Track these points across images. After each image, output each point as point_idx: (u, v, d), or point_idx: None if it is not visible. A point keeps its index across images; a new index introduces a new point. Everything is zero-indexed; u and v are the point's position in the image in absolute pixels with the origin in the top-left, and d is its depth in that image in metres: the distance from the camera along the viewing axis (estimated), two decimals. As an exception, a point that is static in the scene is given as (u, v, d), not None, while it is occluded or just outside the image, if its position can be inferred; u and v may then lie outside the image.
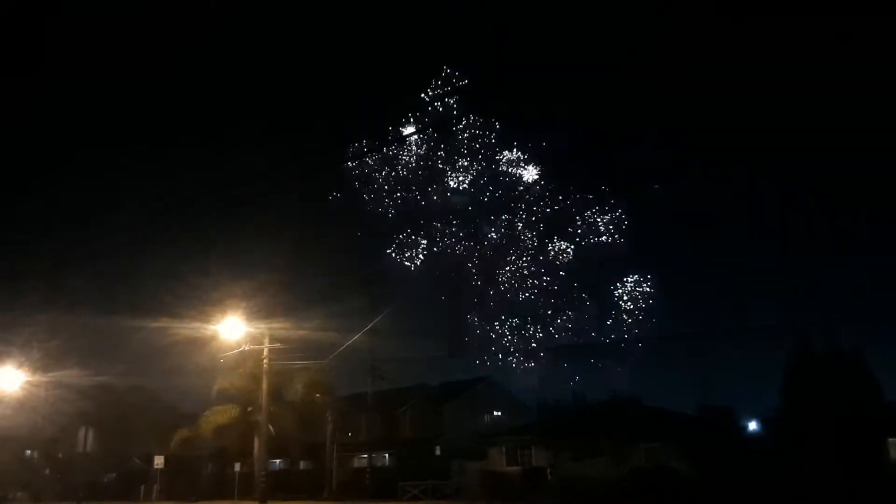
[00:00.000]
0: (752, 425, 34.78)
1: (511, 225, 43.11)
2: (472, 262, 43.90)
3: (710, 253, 77.38)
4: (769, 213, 65.36)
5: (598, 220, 42.73)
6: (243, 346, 33.06)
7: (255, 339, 33.34)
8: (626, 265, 47.67)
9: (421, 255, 43.45)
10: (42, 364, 39.41)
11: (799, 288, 66.25)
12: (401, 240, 42.69)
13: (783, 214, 67.48)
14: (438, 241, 43.39)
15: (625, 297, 43.72)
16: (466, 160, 43.70)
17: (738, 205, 67.45)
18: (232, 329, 32.23)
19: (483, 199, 42.91)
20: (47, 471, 50.36)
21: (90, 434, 50.23)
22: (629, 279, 44.53)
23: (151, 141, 77.39)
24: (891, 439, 28.69)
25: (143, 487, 44.60)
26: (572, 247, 44.12)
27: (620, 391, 40.59)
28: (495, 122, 43.79)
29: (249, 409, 37.31)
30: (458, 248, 43.60)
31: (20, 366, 38.43)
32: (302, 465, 44.72)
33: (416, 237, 42.66)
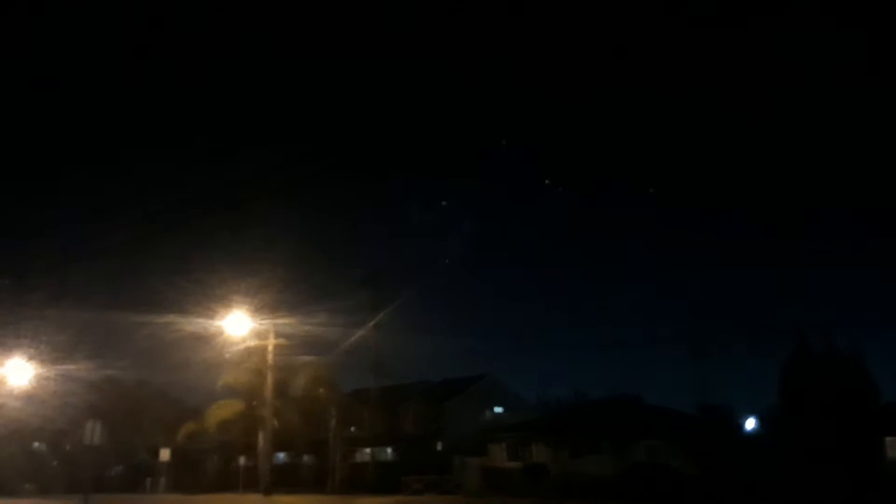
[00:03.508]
0: (751, 424, 35.05)
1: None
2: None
3: (708, 251, 77.64)
4: (767, 211, 65.40)
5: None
6: (248, 342, 33.52)
7: (261, 335, 33.84)
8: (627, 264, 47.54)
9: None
10: (51, 357, 39.86)
11: (797, 287, 66.45)
12: None
13: (781, 212, 67.53)
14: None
15: None
16: None
17: (736, 203, 67.44)
18: (237, 325, 32.70)
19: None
20: (55, 463, 50.95)
21: (98, 427, 50.70)
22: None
23: (157, 137, 77.99)
24: (889, 438, 28.91)
25: (149, 480, 45.18)
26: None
27: (621, 389, 40.87)
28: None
29: (254, 403, 37.80)
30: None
31: (29, 359, 38.94)
32: (306, 458, 45.18)
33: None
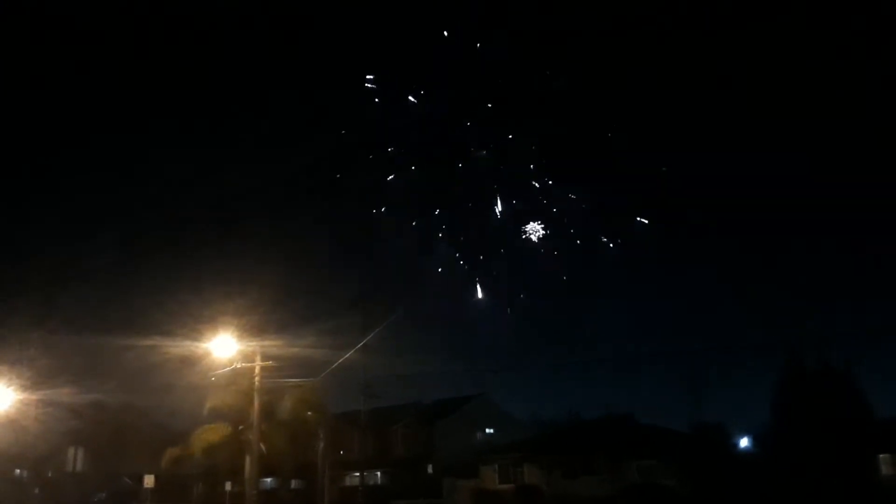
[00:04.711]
0: (744, 442, 34.84)
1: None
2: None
3: (703, 270, 77.83)
4: (760, 229, 65.70)
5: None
6: (235, 364, 32.88)
7: (247, 357, 33.19)
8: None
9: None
10: (33, 382, 39.09)
11: (790, 305, 66.65)
12: None
13: (775, 231, 67.89)
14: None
15: None
16: None
17: (731, 223, 67.69)
18: (224, 347, 32.03)
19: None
20: (37, 490, 49.79)
21: (80, 453, 49.81)
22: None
23: (143, 159, 77.31)
24: (882, 455, 28.78)
25: (133, 507, 44.16)
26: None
27: (613, 408, 40.55)
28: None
29: (241, 427, 37.01)
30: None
31: (10, 384, 38.14)
32: (293, 484, 44.37)
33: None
